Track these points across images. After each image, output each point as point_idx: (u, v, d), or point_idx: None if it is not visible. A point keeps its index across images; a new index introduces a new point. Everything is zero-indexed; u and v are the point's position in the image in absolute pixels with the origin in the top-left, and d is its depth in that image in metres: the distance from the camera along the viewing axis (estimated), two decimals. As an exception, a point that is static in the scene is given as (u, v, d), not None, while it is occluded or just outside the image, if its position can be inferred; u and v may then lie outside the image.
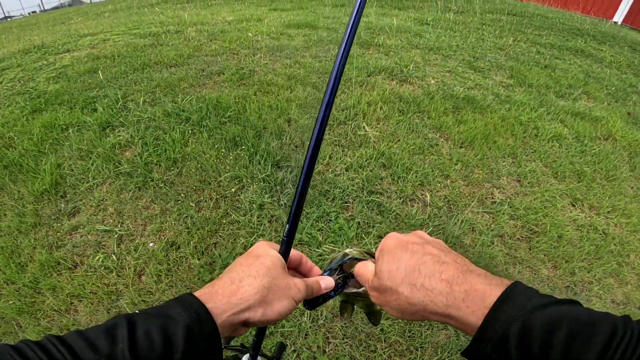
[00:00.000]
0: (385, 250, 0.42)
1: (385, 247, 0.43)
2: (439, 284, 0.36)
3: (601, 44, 6.20)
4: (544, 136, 2.76)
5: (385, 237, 0.45)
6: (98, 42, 4.04)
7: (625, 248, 2.04)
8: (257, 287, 0.39)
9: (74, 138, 2.24)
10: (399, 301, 0.39)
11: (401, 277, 0.38)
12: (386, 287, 0.39)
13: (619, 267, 1.93)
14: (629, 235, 2.14)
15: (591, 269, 1.88)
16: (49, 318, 1.44)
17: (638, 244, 2.10)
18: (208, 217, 1.81)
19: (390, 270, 0.40)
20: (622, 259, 1.97)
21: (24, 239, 1.73)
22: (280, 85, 2.69)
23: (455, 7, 6.50)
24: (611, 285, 1.83)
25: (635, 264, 1.98)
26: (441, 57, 3.71)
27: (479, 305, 0.33)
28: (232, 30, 4.02)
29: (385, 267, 0.40)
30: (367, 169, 2.07)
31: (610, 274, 1.89)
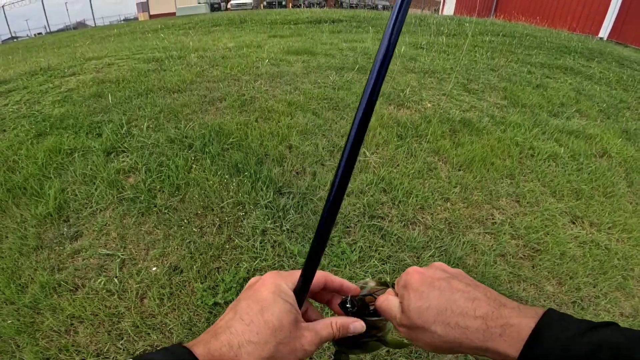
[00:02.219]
0: (410, 287, 0.41)
1: (409, 284, 0.42)
2: (473, 322, 0.36)
3: (589, 60, 6.38)
4: (540, 156, 2.81)
5: (406, 273, 0.44)
6: (103, 66, 4.15)
7: (629, 262, 2.05)
8: (260, 357, 0.35)
9: (79, 163, 2.27)
10: (433, 339, 0.38)
11: (433, 317, 0.38)
12: (417, 325, 0.39)
13: (624, 280, 1.93)
14: (631, 249, 2.16)
15: (596, 284, 1.89)
16: (48, 338, 1.43)
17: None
18: (211, 242, 1.82)
19: (420, 309, 0.39)
20: (627, 273, 1.98)
21: (25, 260, 1.74)
22: (281, 112, 2.75)
23: (447, 30, 6.73)
24: (618, 298, 1.84)
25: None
26: (436, 80, 3.83)
27: (515, 339, 0.34)
28: (233, 56, 4.14)
29: (413, 305, 0.39)
30: (367, 194, 2.11)
31: (616, 287, 1.90)
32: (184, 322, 1.48)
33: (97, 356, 1.37)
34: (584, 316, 1.71)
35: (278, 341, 0.36)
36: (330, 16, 8.10)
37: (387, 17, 4.85)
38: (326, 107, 2.89)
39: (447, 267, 0.44)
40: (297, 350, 0.38)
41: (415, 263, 1.81)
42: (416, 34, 6.34)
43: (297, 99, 2.95)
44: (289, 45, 4.64)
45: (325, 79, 3.44)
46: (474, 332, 0.36)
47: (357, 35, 6.02)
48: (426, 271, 0.43)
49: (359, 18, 7.93)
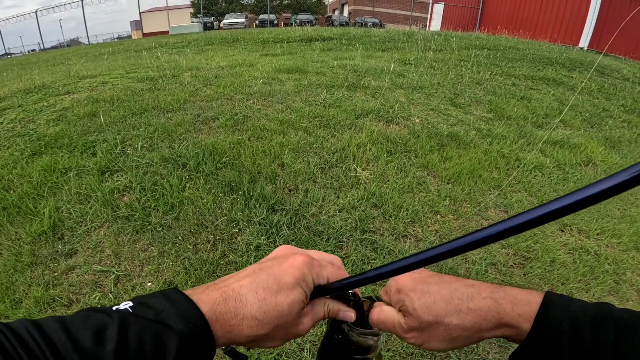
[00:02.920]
0: (407, 289, 0.41)
1: (403, 287, 0.42)
2: (483, 302, 0.38)
3: (571, 70, 6.60)
4: (526, 167, 2.90)
5: (393, 279, 0.44)
6: (97, 84, 4.19)
7: (620, 267, 2.10)
8: (256, 333, 0.36)
9: (73, 182, 2.29)
10: (450, 331, 0.39)
11: (443, 309, 0.39)
12: (429, 322, 0.39)
13: (616, 285, 1.98)
14: (622, 254, 2.21)
15: (589, 289, 1.93)
16: None
17: (632, 261, 2.17)
18: (205, 258, 1.85)
19: (427, 305, 0.39)
20: (619, 277, 2.03)
21: (20, 276, 1.74)
22: (273, 131, 2.82)
23: (434, 46, 6.95)
24: (612, 302, 1.86)
25: (633, 280, 2.03)
26: (424, 95, 3.94)
27: (527, 311, 0.36)
28: (226, 75, 4.23)
29: (418, 304, 0.40)
30: (359, 209, 2.16)
31: (609, 292, 1.94)
32: None
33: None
34: None
35: (278, 325, 0.37)
36: (321, 34, 8.31)
37: (376, 34, 5.04)
38: (317, 124, 2.96)
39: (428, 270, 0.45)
40: (290, 334, 0.40)
41: (407, 276, 1.85)
42: (404, 50, 6.53)
43: (289, 118, 3.02)
44: (281, 64, 4.75)
45: (316, 97, 3.53)
46: (488, 311, 0.37)
47: (347, 53, 6.19)
48: (414, 274, 0.43)
49: (349, 36, 8.15)
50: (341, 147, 2.65)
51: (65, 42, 31.33)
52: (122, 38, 32.45)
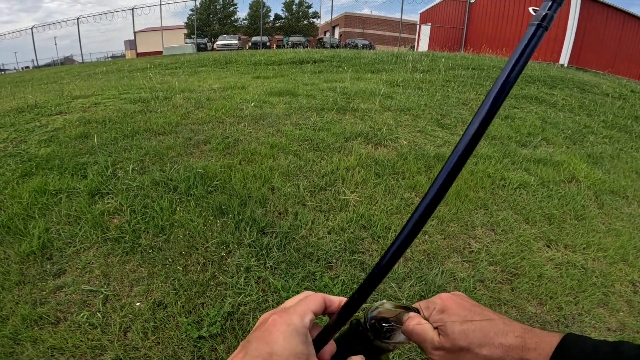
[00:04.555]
0: (451, 311, 0.45)
1: (448, 309, 0.46)
2: (514, 341, 0.42)
3: (552, 88, 6.82)
4: (511, 185, 2.98)
5: (439, 298, 0.48)
6: (90, 105, 4.21)
7: (607, 279, 2.14)
8: None
9: (63, 204, 2.30)
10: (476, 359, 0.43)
11: (479, 339, 0.42)
12: (461, 347, 0.43)
13: (605, 297, 2.01)
14: (608, 267, 2.26)
15: (577, 302, 1.96)
16: None
17: (620, 273, 2.21)
18: (195, 279, 1.85)
19: (466, 332, 0.43)
20: (607, 289, 2.06)
21: (7, 294, 1.73)
22: (264, 154, 2.87)
23: (422, 67, 7.19)
24: (602, 314, 1.90)
25: (622, 292, 2.07)
26: (411, 117, 4.06)
27: (546, 350, 0.40)
28: (218, 98, 4.31)
29: (459, 328, 0.43)
30: (348, 231, 2.19)
31: (598, 304, 1.96)
32: (169, 355, 1.49)
33: (78, 389, 1.35)
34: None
35: None
36: (312, 56, 8.54)
37: (365, 56, 5.23)
38: (307, 148, 3.03)
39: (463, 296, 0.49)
40: None
41: (396, 294, 1.87)
42: (393, 72, 6.74)
43: (279, 141, 3.08)
44: (272, 87, 4.86)
45: (306, 120, 3.61)
46: (514, 349, 0.41)
47: (337, 75, 6.36)
48: (457, 298, 0.47)
49: (339, 58, 8.39)
50: (330, 170, 2.71)
51: (59, 59, 31.44)
52: (116, 57, 32.71)
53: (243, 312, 1.69)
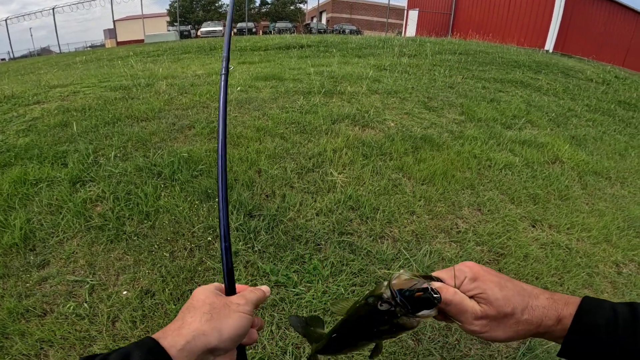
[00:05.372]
0: (485, 279, 0.45)
1: (480, 276, 0.45)
2: (547, 302, 0.43)
3: (537, 73, 6.89)
4: (496, 166, 3.01)
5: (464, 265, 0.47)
6: (68, 94, 4.08)
7: (592, 260, 2.19)
8: (199, 315, 0.42)
9: (44, 193, 2.23)
10: (518, 324, 0.43)
11: (519, 303, 0.43)
12: (506, 313, 0.43)
13: (589, 277, 2.05)
14: (592, 247, 2.31)
15: (563, 282, 1.99)
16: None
17: (604, 254, 2.26)
18: (183, 265, 1.83)
19: (507, 297, 0.43)
20: (592, 270, 2.11)
21: None
22: (250, 138, 2.82)
23: (409, 51, 7.14)
24: (587, 295, 1.94)
25: (606, 272, 2.12)
26: (399, 100, 4.04)
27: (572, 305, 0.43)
28: (203, 83, 4.20)
29: (500, 295, 0.43)
30: (336, 212, 2.18)
31: (583, 285, 2.01)
32: None
33: (69, 382, 1.33)
34: None
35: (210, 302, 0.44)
36: (298, 42, 8.39)
37: (353, 41, 5.16)
38: (294, 130, 2.99)
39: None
40: (230, 303, 0.46)
41: (385, 275, 1.88)
42: (380, 56, 6.68)
43: (266, 124, 3.04)
44: (258, 72, 4.77)
45: (293, 103, 3.56)
46: (550, 309, 0.43)
47: (324, 60, 6.28)
48: (482, 266, 0.47)
49: (326, 43, 8.27)
50: (317, 152, 2.69)
51: (35, 50, 30.27)
52: (95, 47, 31.58)
53: None
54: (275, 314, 1.61)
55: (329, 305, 1.62)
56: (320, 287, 1.75)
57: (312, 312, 1.65)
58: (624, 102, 6.23)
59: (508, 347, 1.63)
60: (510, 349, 1.62)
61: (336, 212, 2.17)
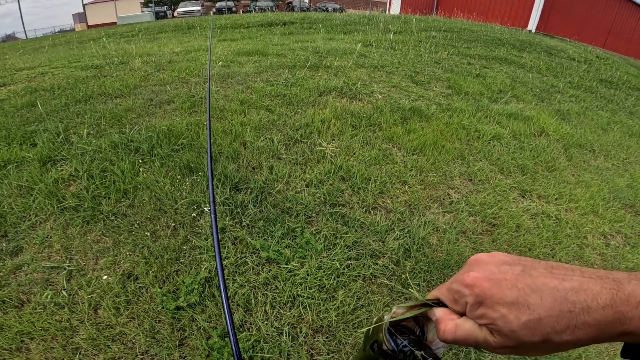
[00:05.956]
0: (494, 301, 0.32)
1: (487, 298, 0.32)
2: (604, 313, 0.29)
3: (521, 51, 6.93)
4: (485, 137, 2.99)
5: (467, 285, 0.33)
6: (36, 75, 3.84)
7: (580, 230, 2.20)
8: None
9: (13, 175, 2.08)
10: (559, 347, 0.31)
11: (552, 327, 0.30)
12: (534, 342, 0.31)
13: (580, 249, 2.06)
14: (580, 218, 2.33)
15: (554, 254, 1.99)
16: (0, 357, 1.31)
17: (592, 225, 2.28)
18: (167, 245, 1.72)
19: (530, 324, 0.30)
20: (581, 241, 2.12)
21: None
22: (233, 110, 2.68)
23: (394, 28, 7.00)
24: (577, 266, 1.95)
25: (595, 244, 2.14)
26: (385, 74, 3.95)
27: None
28: (181, 60, 3.98)
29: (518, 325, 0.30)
30: (327, 183, 2.10)
31: (574, 256, 2.01)
32: (146, 331, 1.39)
33: (53, 375, 1.25)
34: None
35: None
36: (281, 19, 8.11)
37: (337, 18, 5.02)
38: (279, 103, 2.86)
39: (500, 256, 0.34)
40: None
41: (380, 248, 1.82)
42: (365, 33, 6.52)
43: (250, 97, 2.90)
44: (240, 48, 4.56)
45: (278, 77, 3.41)
46: (610, 324, 0.29)
47: (309, 36, 6.08)
48: (490, 273, 0.33)
49: (310, 19, 8.02)
50: (305, 123, 2.58)
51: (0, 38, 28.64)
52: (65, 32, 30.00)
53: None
54: (269, 293, 1.54)
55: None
56: (314, 263, 1.68)
57: (307, 289, 1.58)
58: (606, 81, 6.34)
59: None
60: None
61: (327, 183, 2.09)
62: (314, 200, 1.99)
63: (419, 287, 1.71)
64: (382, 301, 1.59)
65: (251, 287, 1.57)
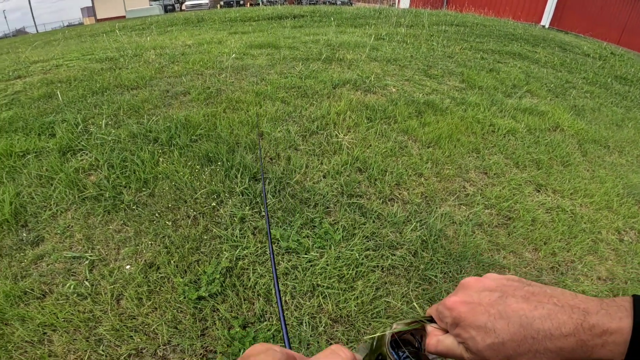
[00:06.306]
0: (466, 324, 0.36)
1: (461, 321, 0.36)
2: (565, 341, 0.32)
3: (535, 46, 6.84)
4: (500, 131, 2.97)
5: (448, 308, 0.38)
6: (50, 67, 3.88)
7: (595, 225, 2.19)
8: None
9: (33, 165, 2.10)
10: None
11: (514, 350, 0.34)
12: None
13: (594, 244, 2.05)
14: (595, 213, 2.31)
15: (570, 248, 1.98)
16: (21, 350, 1.30)
17: (606, 220, 2.27)
18: (187, 234, 1.74)
19: (494, 346, 0.34)
20: (595, 236, 2.11)
21: None
22: (249, 102, 2.70)
23: (405, 22, 6.94)
24: (592, 262, 1.93)
25: (609, 239, 2.12)
26: (398, 67, 3.93)
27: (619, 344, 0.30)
28: (194, 52, 4.00)
29: (483, 345, 0.34)
30: (344, 174, 2.11)
31: (588, 251, 2.00)
32: (169, 321, 1.39)
33: (76, 365, 1.25)
34: (565, 281, 1.78)
35: None
36: (291, 12, 8.08)
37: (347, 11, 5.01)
38: (294, 95, 2.87)
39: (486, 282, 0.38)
40: None
41: (398, 239, 1.83)
42: (376, 26, 6.48)
43: (265, 89, 2.91)
44: (252, 41, 4.56)
45: (291, 69, 3.42)
46: (571, 351, 0.32)
47: (319, 29, 6.05)
48: (470, 297, 0.37)
49: (319, 13, 7.98)
50: (321, 114, 2.59)
51: (10, 32, 28.96)
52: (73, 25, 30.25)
53: (242, 267, 1.60)
54: (289, 283, 1.55)
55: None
56: (333, 253, 1.68)
57: (326, 279, 1.59)
58: (621, 77, 6.24)
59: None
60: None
61: (344, 174, 2.10)
62: (331, 190, 2.00)
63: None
64: (400, 292, 1.60)
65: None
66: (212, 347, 1.34)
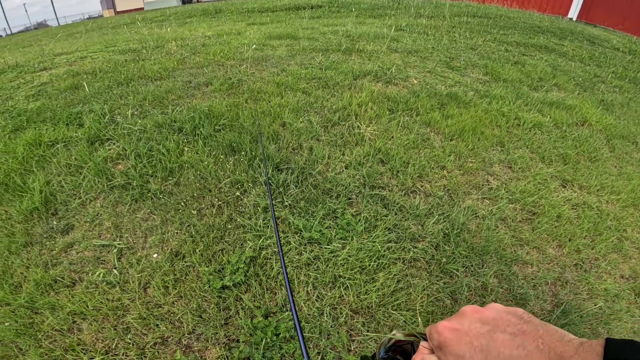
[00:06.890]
0: (448, 350, 0.38)
1: (445, 346, 0.39)
2: None
3: (562, 39, 6.59)
4: (525, 125, 2.89)
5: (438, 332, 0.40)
6: (75, 59, 3.97)
7: (621, 223, 2.13)
8: None
9: (62, 154, 2.16)
10: None
11: None
12: None
13: (619, 242, 1.99)
14: (621, 210, 2.24)
15: (594, 246, 1.94)
16: (51, 339, 1.34)
17: (632, 218, 2.20)
18: (212, 223, 1.77)
19: None
20: (621, 234, 2.05)
21: (16, 259, 1.62)
22: (271, 93, 2.70)
23: (426, 13, 6.79)
24: (616, 260, 1.88)
25: (634, 238, 2.06)
26: (419, 59, 3.85)
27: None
28: (214, 44, 4.03)
29: None
30: (366, 165, 2.10)
31: (613, 249, 1.95)
32: (194, 310, 1.42)
33: (105, 354, 1.28)
34: (588, 279, 1.74)
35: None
36: (308, 2, 8.01)
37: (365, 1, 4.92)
38: (315, 86, 2.86)
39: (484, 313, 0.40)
40: None
41: (420, 231, 1.81)
42: (395, 17, 6.36)
43: (286, 80, 2.91)
44: (270, 31, 4.55)
45: (311, 60, 3.40)
46: None
47: (338, 20, 5.99)
48: (460, 326, 0.39)
49: (338, 3, 7.88)
50: (342, 106, 2.57)
51: (32, 25, 29.76)
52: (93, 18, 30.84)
53: (265, 257, 1.61)
54: (311, 273, 1.56)
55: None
56: (355, 244, 1.68)
57: (348, 270, 1.60)
58: (651, 72, 5.94)
59: (542, 309, 1.59)
60: (545, 311, 1.58)
61: (366, 165, 2.09)
62: (353, 182, 2.00)
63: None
64: (421, 285, 1.59)
65: (294, 267, 1.59)
66: (235, 336, 1.35)
